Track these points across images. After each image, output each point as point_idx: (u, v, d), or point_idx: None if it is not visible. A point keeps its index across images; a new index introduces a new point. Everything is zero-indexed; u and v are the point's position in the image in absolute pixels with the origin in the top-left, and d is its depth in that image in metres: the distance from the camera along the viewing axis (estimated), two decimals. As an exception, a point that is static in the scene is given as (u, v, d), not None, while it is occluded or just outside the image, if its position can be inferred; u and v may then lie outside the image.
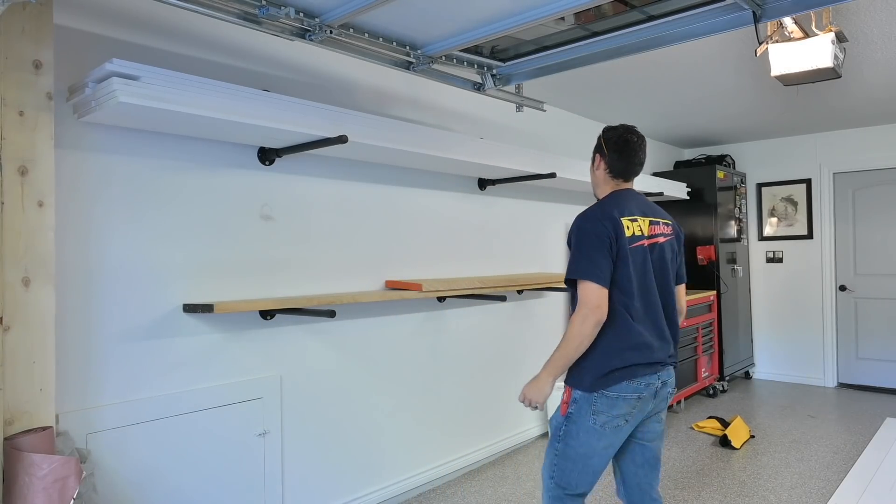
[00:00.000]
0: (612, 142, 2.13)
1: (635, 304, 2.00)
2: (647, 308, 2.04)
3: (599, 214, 2.02)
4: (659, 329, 2.06)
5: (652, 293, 2.05)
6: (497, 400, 3.93)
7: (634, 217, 2.06)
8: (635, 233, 2.04)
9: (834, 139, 5.78)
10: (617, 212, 2.03)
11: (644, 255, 2.05)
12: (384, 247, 3.21)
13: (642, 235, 2.05)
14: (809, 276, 5.92)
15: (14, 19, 1.84)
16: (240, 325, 2.58)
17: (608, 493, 3.32)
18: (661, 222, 2.15)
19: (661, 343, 2.05)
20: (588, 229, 2.00)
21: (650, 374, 2.01)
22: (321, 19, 2.27)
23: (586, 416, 2.00)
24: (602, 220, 2.00)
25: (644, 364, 2.00)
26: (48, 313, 1.89)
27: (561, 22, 2.53)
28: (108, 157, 2.20)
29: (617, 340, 1.98)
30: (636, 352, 1.98)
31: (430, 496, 3.33)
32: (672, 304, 2.13)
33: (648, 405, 2.04)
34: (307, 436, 2.83)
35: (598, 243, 1.97)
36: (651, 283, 2.06)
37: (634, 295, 2.00)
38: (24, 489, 1.74)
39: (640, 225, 2.06)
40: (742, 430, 4.18)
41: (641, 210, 2.10)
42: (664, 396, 2.08)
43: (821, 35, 2.64)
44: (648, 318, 2.04)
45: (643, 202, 2.15)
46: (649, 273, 2.05)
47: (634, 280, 2.00)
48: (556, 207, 4.54)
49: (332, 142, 2.40)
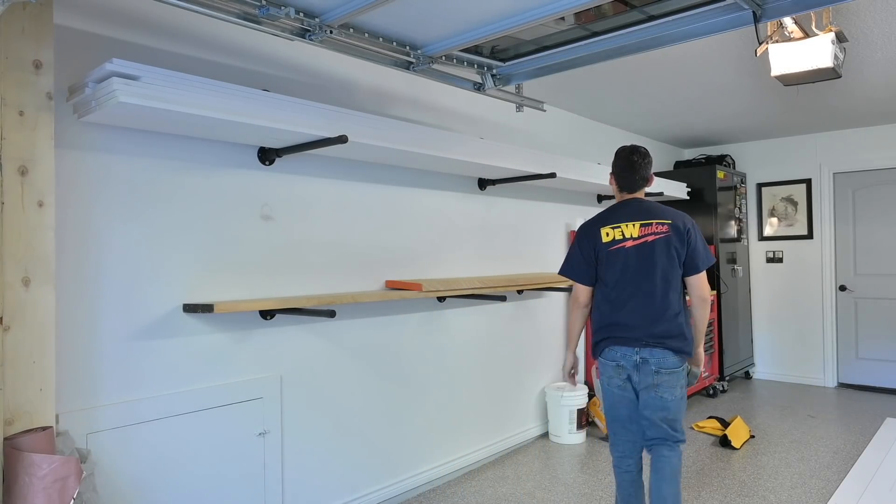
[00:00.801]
0: (618, 161, 2.60)
1: (613, 293, 2.51)
2: (631, 296, 2.48)
3: (584, 228, 2.62)
4: (642, 312, 2.45)
5: (636, 283, 2.47)
6: (497, 400, 3.93)
7: (617, 224, 2.52)
8: (615, 237, 2.52)
9: (834, 139, 5.78)
10: (600, 223, 2.56)
11: (626, 253, 2.49)
12: (384, 247, 3.21)
13: (624, 238, 2.50)
14: (809, 276, 5.92)
15: (14, 19, 1.84)
16: (240, 325, 2.58)
17: (608, 493, 3.32)
18: (654, 223, 2.49)
19: (643, 323, 2.45)
20: (575, 241, 2.64)
21: (626, 348, 2.47)
22: (321, 19, 2.27)
23: (601, 375, 2.62)
24: (584, 233, 2.60)
25: (619, 338, 2.48)
26: (48, 313, 1.89)
27: (561, 22, 2.53)
28: (108, 157, 2.20)
29: (598, 320, 2.57)
30: (612, 328, 2.50)
31: (430, 496, 3.33)
32: (666, 290, 2.46)
33: (634, 375, 2.47)
34: (307, 436, 2.83)
35: (578, 252, 2.61)
36: (635, 276, 2.47)
37: (613, 286, 2.51)
38: (24, 489, 1.74)
39: (622, 230, 2.51)
40: (742, 430, 4.18)
41: (631, 216, 2.52)
42: (649, 372, 2.44)
43: (821, 35, 2.64)
44: (631, 304, 2.47)
45: (639, 209, 2.54)
46: (631, 268, 2.48)
47: (614, 275, 2.50)
48: (556, 207, 4.54)
49: (332, 142, 2.40)
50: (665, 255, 2.46)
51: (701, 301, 2.51)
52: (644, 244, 2.47)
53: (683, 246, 2.47)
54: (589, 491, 3.35)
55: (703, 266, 2.49)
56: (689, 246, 2.48)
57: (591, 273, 2.57)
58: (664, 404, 2.44)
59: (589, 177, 4.04)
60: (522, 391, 4.15)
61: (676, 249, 2.46)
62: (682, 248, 2.47)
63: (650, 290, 2.44)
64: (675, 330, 2.43)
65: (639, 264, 2.46)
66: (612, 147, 5.30)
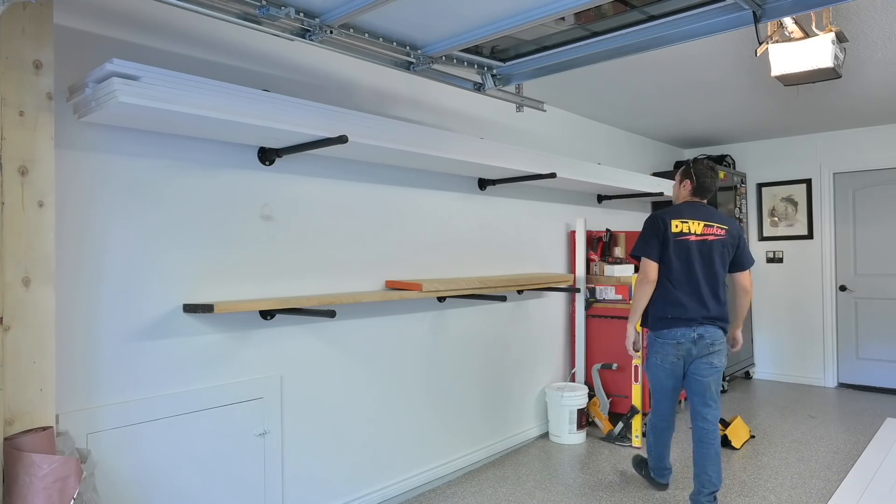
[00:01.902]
0: (699, 172, 3.11)
1: (675, 276, 3.01)
2: (688, 281, 3.00)
3: (656, 217, 3.08)
4: (697, 296, 3.00)
5: (693, 271, 3.00)
6: (497, 400, 3.93)
7: (685, 220, 3.04)
8: (683, 230, 3.02)
9: (834, 139, 5.78)
10: (669, 216, 3.05)
11: (689, 245, 3.01)
12: (384, 247, 3.21)
13: (689, 232, 3.02)
14: (809, 276, 5.92)
15: (14, 19, 1.84)
16: (240, 325, 2.59)
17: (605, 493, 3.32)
18: (715, 226, 3.05)
19: (697, 306, 2.99)
20: (647, 224, 3.09)
21: (685, 328, 2.98)
22: (321, 19, 2.27)
23: (652, 355, 3.11)
24: (656, 220, 3.07)
25: (679, 319, 2.98)
26: (48, 313, 1.89)
27: (561, 22, 2.53)
28: (108, 157, 2.20)
29: (661, 298, 3.05)
30: (673, 307, 3.00)
31: (430, 496, 3.33)
32: (716, 283, 3.03)
33: (692, 350, 3.00)
34: (307, 436, 2.83)
35: (652, 233, 3.05)
36: (693, 265, 3.00)
37: (675, 272, 3.02)
38: (24, 489, 1.74)
39: (689, 225, 3.03)
40: (742, 430, 4.18)
41: (697, 216, 3.05)
42: (704, 345, 3.00)
43: (821, 35, 2.64)
44: (688, 287, 3.00)
45: (703, 211, 3.08)
46: (692, 258, 3.00)
47: (677, 263, 3.02)
48: (556, 207, 4.54)
49: (332, 142, 2.40)
50: (719, 253, 3.03)
51: (744, 292, 3.17)
52: (704, 241, 3.02)
53: (734, 249, 3.09)
54: (589, 491, 3.35)
55: (748, 265, 3.13)
56: (739, 249, 3.11)
57: (660, 252, 3.04)
58: (713, 370, 3.01)
59: (589, 177, 4.04)
60: (522, 391, 4.15)
61: (728, 250, 3.07)
62: (732, 250, 3.08)
63: (706, 279, 3.01)
64: (723, 314, 3.03)
65: (699, 257, 3.01)
66: (611, 147, 5.30)
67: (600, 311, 4.54)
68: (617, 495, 3.29)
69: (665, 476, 3.32)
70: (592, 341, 4.58)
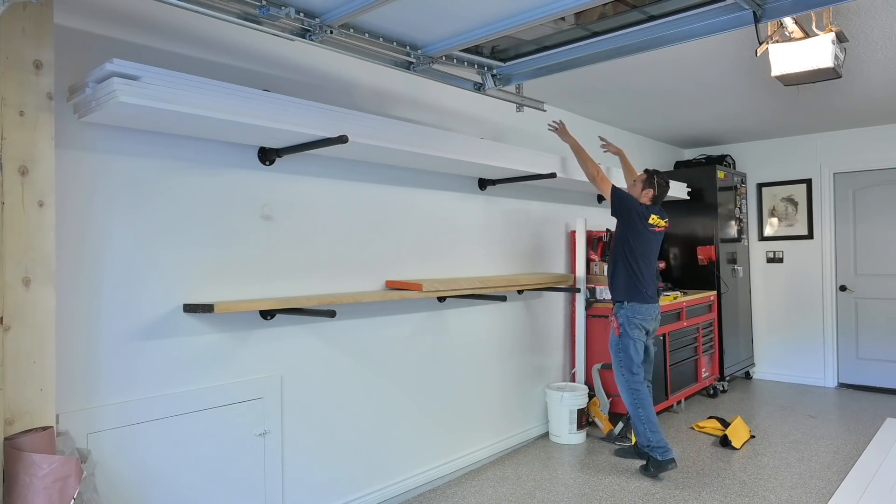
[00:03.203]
0: (659, 184, 3.66)
1: (640, 262, 3.62)
2: (648, 266, 3.65)
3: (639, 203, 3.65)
4: (652, 279, 3.67)
5: (651, 258, 3.67)
6: (497, 400, 3.93)
7: (654, 215, 3.64)
8: (650, 222, 3.62)
9: (834, 139, 5.78)
10: (647, 209, 3.64)
11: (652, 235, 3.65)
12: (384, 247, 3.21)
13: (654, 225, 3.64)
14: (810, 276, 5.92)
15: (14, 19, 1.84)
16: (240, 325, 2.59)
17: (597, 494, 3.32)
18: (663, 222, 3.71)
19: (653, 286, 3.67)
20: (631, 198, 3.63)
21: (650, 305, 3.65)
22: (321, 19, 2.27)
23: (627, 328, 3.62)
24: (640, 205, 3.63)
25: (646, 296, 3.61)
26: (48, 313, 1.89)
27: (561, 22, 2.53)
28: (108, 157, 2.20)
29: (628, 280, 3.63)
30: (640, 288, 3.61)
31: (430, 496, 3.33)
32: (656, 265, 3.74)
33: (654, 323, 3.71)
34: (307, 436, 2.83)
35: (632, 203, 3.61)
36: (651, 253, 3.67)
37: (639, 256, 3.62)
38: (24, 489, 1.74)
39: (655, 220, 3.65)
40: (742, 430, 4.18)
41: (660, 214, 3.69)
42: (658, 318, 3.74)
43: (821, 35, 2.64)
44: (648, 271, 3.64)
45: (661, 211, 3.72)
46: (650, 247, 3.66)
47: (643, 248, 3.63)
48: (556, 207, 4.54)
49: (332, 142, 2.40)
50: (661, 242, 3.75)
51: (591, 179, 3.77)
52: (658, 233, 3.70)
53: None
54: (589, 491, 3.35)
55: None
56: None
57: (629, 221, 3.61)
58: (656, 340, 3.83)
59: (592, 178, 4.03)
60: (522, 391, 4.15)
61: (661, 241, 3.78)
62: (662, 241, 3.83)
63: (654, 263, 3.70)
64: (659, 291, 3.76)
65: (654, 245, 3.69)
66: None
67: (600, 311, 4.54)
68: (617, 495, 3.29)
69: (671, 450, 3.49)
70: (592, 341, 4.58)
